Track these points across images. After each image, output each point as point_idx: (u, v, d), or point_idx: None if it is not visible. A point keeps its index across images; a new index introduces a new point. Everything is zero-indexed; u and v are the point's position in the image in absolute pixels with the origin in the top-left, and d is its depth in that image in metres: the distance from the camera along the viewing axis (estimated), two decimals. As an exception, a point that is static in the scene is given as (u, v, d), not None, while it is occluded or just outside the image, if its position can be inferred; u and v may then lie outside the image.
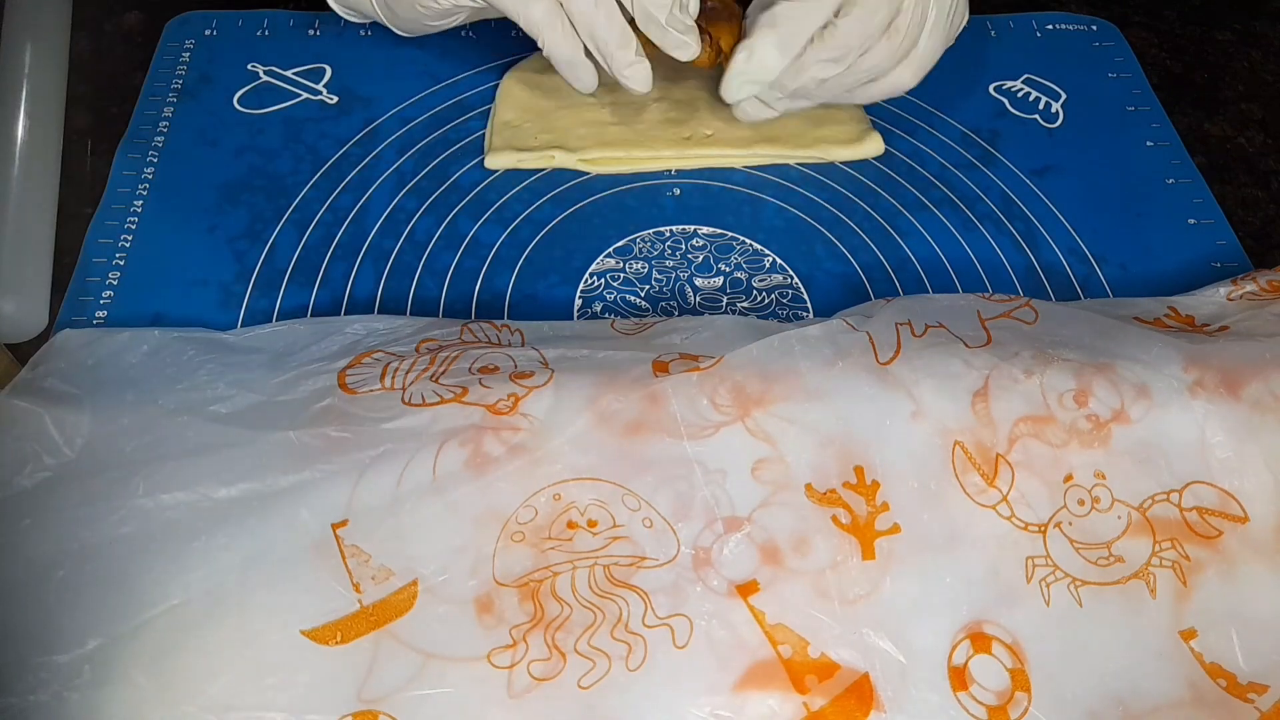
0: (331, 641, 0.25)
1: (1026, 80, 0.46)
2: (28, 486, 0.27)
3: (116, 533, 0.26)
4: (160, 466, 0.27)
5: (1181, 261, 0.39)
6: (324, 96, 0.43)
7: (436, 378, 0.30)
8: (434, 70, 0.44)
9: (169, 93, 0.43)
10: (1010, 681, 0.26)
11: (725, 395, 0.29)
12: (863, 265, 0.39)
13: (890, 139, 0.43)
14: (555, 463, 0.28)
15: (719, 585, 0.26)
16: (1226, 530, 0.28)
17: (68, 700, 0.24)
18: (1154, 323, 0.33)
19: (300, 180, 0.40)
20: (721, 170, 0.42)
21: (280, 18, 0.46)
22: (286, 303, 0.36)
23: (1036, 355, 0.30)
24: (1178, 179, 0.42)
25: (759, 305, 0.37)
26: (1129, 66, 0.47)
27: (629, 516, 0.27)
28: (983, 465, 0.28)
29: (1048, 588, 0.27)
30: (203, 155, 0.40)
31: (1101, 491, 0.28)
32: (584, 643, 0.25)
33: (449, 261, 0.38)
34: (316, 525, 0.26)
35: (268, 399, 0.29)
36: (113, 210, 0.38)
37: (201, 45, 0.45)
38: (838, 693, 0.25)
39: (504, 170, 0.41)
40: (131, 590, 0.25)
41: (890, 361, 0.30)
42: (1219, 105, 0.46)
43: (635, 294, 0.37)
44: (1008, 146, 0.43)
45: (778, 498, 0.28)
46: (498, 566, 0.26)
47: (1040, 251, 0.40)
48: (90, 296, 0.36)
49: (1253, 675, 0.27)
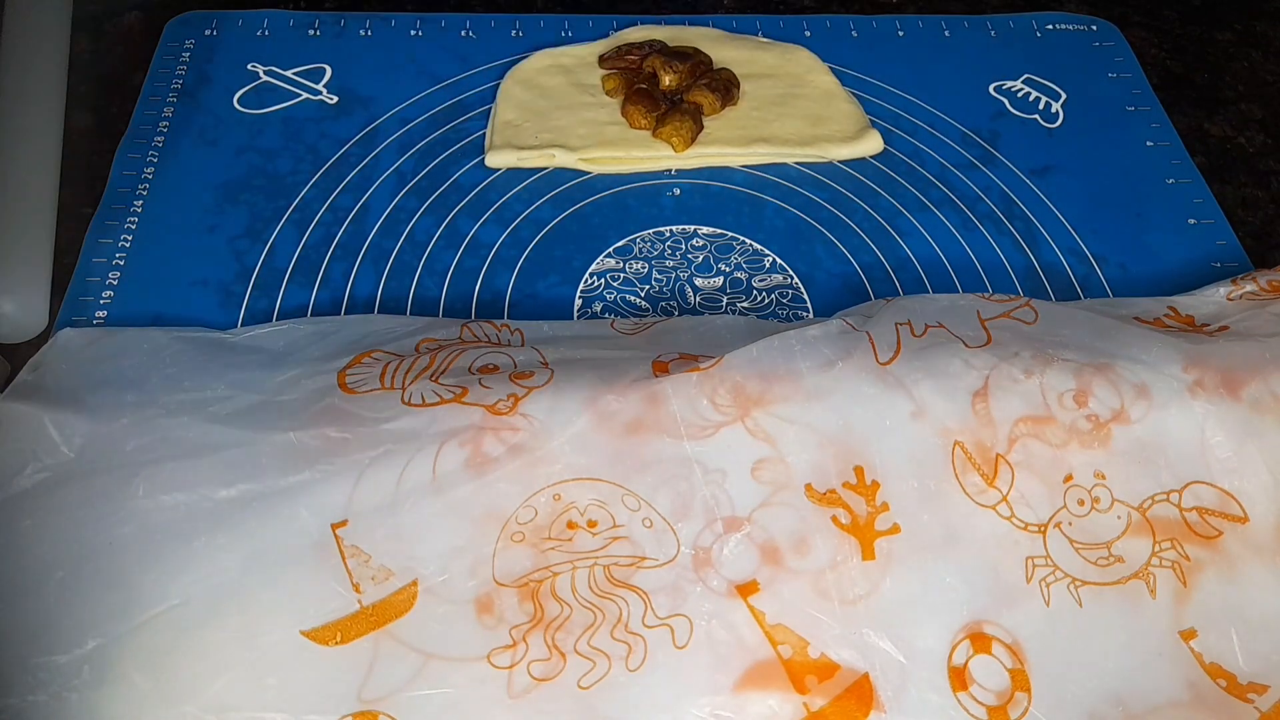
0: (331, 642, 0.25)
1: (1026, 80, 0.46)
2: (27, 487, 0.27)
3: (116, 533, 0.26)
4: (160, 467, 0.27)
5: (1181, 261, 0.39)
6: (324, 96, 0.43)
7: (436, 378, 0.30)
8: (434, 70, 0.44)
9: (169, 92, 0.42)
10: (1010, 682, 0.26)
11: (725, 395, 0.29)
12: (863, 265, 0.39)
13: (890, 139, 0.43)
14: (555, 463, 0.28)
15: (719, 585, 0.26)
16: (1226, 530, 0.28)
17: (67, 701, 0.24)
18: (1154, 323, 0.33)
19: (300, 180, 0.40)
20: (721, 170, 0.42)
21: (280, 17, 0.46)
22: (286, 303, 0.36)
23: (1036, 355, 0.30)
24: (1178, 179, 0.42)
25: (759, 305, 0.37)
26: (1129, 66, 0.47)
27: (629, 517, 0.27)
28: (983, 465, 0.28)
29: (1048, 588, 0.27)
30: (202, 155, 0.40)
31: (1101, 492, 0.28)
32: (584, 643, 0.25)
33: (449, 261, 0.38)
34: (316, 526, 0.26)
35: (267, 399, 0.29)
36: (112, 210, 0.38)
37: (201, 45, 0.45)
38: (838, 693, 0.25)
39: (504, 170, 0.41)
40: (131, 590, 0.25)
41: (890, 361, 0.30)
42: (1219, 105, 0.46)
43: (635, 294, 0.37)
44: (1008, 146, 0.43)
45: (777, 498, 0.28)
46: (497, 567, 0.26)
47: (1040, 251, 0.40)
48: (90, 296, 0.36)
49: (1253, 675, 0.27)
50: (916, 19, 0.49)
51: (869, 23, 0.48)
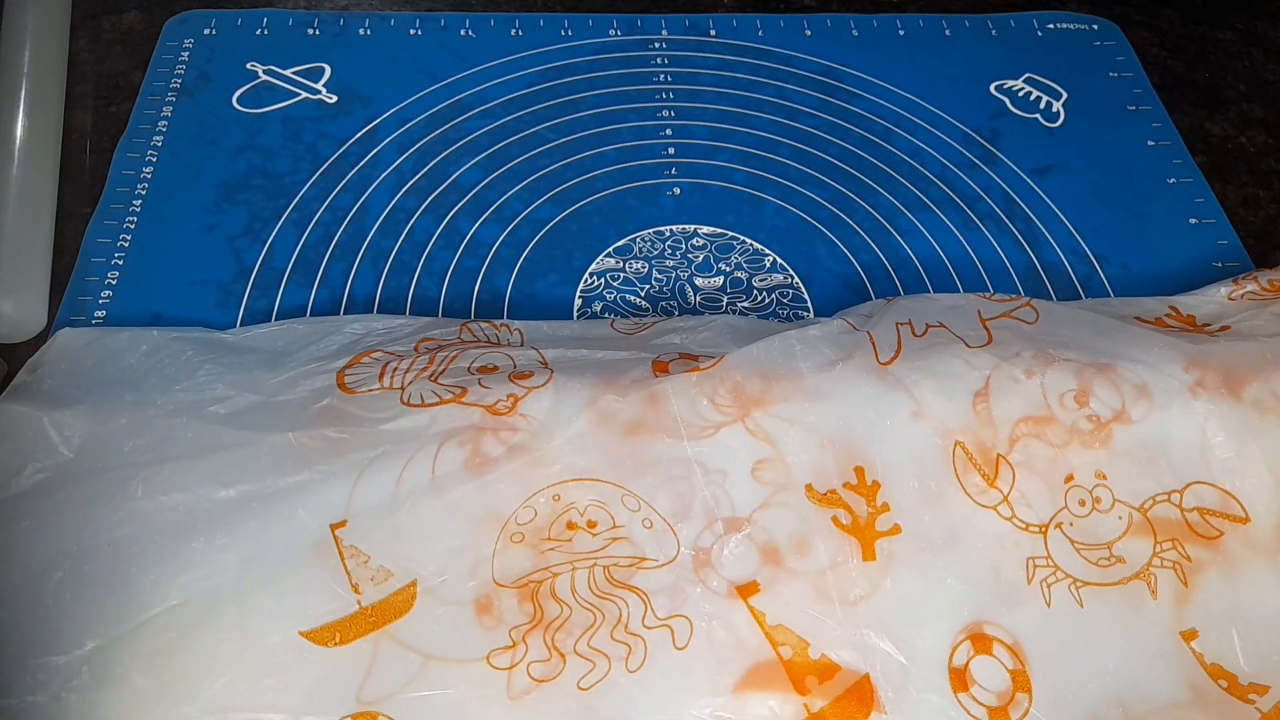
0: (330, 643, 0.25)
1: (1027, 79, 0.46)
2: (26, 487, 0.27)
3: (115, 534, 0.26)
4: (159, 467, 0.27)
5: (1183, 261, 0.39)
6: (323, 96, 0.43)
7: (435, 378, 0.30)
8: (434, 70, 0.44)
9: (168, 92, 0.42)
10: (1011, 682, 0.26)
11: (725, 395, 0.29)
12: (863, 265, 0.39)
13: (891, 138, 0.43)
14: (554, 463, 0.28)
15: (719, 586, 0.26)
16: (1227, 531, 0.28)
17: (65, 701, 0.24)
18: (1155, 322, 0.33)
19: (299, 180, 0.40)
20: (722, 170, 0.41)
21: (279, 17, 0.46)
22: (285, 302, 0.36)
23: (1037, 355, 0.30)
24: (1179, 178, 0.42)
25: (759, 305, 0.37)
26: (1130, 66, 0.47)
27: (629, 517, 0.27)
28: (983, 465, 0.28)
29: (1048, 588, 0.27)
30: (202, 155, 0.40)
31: (1102, 492, 0.28)
32: (584, 644, 0.25)
33: (448, 261, 0.38)
34: (315, 526, 0.26)
35: (266, 399, 0.29)
36: (112, 210, 0.38)
37: (200, 44, 0.44)
38: (838, 694, 0.25)
39: (504, 169, 0.41)
40: (130, 591, 0.25)
41: (891, 361, 0.30)
42: (1220, 105, 0.46)
43: (635, 293, 0.37)
44: (1009, 146, 0.43)
45: (778, 498, 0.28)
46: (497, 567, 0.26)
47: (1041, 251, 0.40)
48: (89, 296, 0.36)
49: (1254, 676, 0.26)
50: (917, 18, 0.49)
51: (869, 22, 0.48)
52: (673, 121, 0.43)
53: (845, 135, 0.43)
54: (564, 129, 0.43)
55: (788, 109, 0.44)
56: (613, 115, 0.43)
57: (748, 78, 0.45)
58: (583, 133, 0.42)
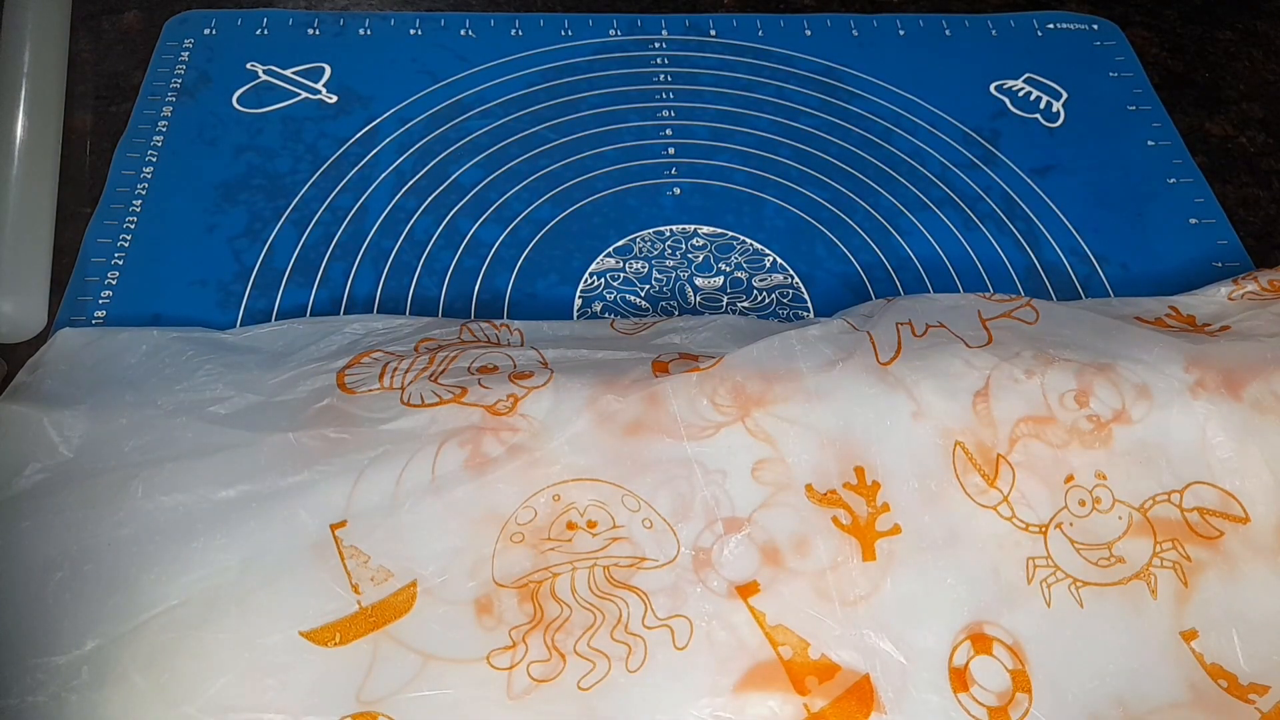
0: (330, 643, 0.25)
1: (1027, 79, 0.46)
2: (26, 488, 0.27)
3: (115, 534, 0.26)
4: (159, 467, 0.27)
5: (1183, 261, 0.39)
6: (323, 96, 0.43)
7: (435, 378, 0.30)
8: (434, 70, 0.44)
9: (168, 92, 0.42)
10: (1011, 683, 0.26)
11: (725, 395, 0.29)
12: (863, 265, 0.39)
13: (891, 138, 0.43)
14: (554, 463, 0.28)
15: (719, 586, 0.26)
16: (1227, 531, 0.28)
17: (65, 702, 0.24)
18: (1155, 322, 0.33)
19: (299, 180, 0.40)
20: (722, 170, 0.41)
21: (279, 17, 0.46)
22: (285, 302, 0.36)
23: (1037, 355, 0.30)
24: (1179, 178, 0.42)
25: (759, 305, 0.37)
26: (1130, 66, 0.47)
27: (629, 517, 0.27)
28: (983, 466, 0.28)
29: (1049, 588, 0.27)
30: (202, 155, 0.40)
31: (1102, 492, 0.28)
32: (584, 644, 0.25)
33: (448, 261, 0.38)
34: (315, 526, 0.26)
35: (266, 399, 0.29)
36: (111, 210, 0.38)
37: (200, 44, 0.44)
38: (838, 694, 0.25)
39: (504, 169, 0.41)
40: (130, 591, 0.25)
41: (891, 361, 0.30)
42: (1220, 105, 0.46)
43: (635, 294, 0.37)
44: (1009, 146, 0.43)
45: (778, 498, 0.28)
46: (497, 567, 0.26)
47: (1041, 251, 0.40)
48: (89, 296, 0.36)
49: (1254, 676, 0.26)
50: (917, 18, 0.49)
51: (869, 22, 0.48)
52: (673, 121, 0.43)
53: (845, 135, 0.43)
54: (564, 129, 0.43)
55: (788, 109, 0.44)
56: (613, 115, 0.43)
57: (748, 78, 0.45)
58: (583, 133, 0.42)
